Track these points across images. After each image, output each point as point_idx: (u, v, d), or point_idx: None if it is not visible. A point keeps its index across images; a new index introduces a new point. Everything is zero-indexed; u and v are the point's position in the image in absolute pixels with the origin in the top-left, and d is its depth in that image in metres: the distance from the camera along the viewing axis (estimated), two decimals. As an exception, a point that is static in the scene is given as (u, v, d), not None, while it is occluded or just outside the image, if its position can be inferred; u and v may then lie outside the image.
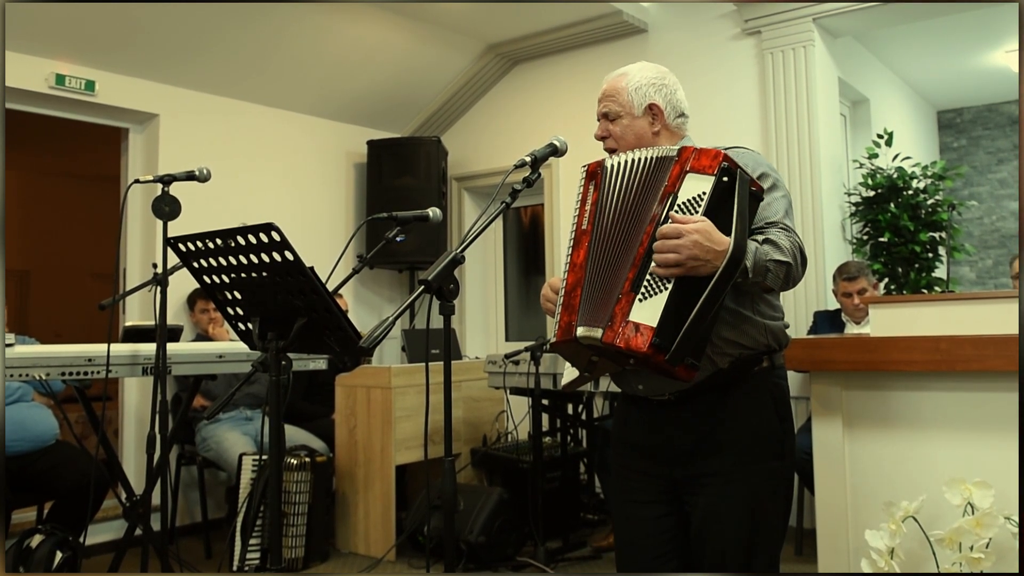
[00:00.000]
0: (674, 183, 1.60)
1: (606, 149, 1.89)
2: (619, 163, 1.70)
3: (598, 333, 1.57)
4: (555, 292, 1.73)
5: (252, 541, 3.60)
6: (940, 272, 4.44)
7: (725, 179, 1.56)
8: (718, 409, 1.74)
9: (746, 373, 1.75)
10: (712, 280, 1.52)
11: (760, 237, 1.65)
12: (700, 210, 1.56)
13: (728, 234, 1.54)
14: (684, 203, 1.58)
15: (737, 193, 1.56)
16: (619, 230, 1.64)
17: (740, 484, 1.73)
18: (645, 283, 1.55)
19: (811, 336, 3.72)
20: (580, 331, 1.59)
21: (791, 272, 1.67)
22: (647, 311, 1.53)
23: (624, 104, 1.85)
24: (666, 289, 1.53)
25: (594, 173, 1.74)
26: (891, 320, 2.23)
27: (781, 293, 1.80)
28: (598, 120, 1.91)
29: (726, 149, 1.73)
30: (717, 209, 1.56)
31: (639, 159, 1.68)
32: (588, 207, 1.70)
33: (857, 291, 3.89)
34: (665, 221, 1.56)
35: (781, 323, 1.82)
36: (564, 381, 1.85)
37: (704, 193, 1.56)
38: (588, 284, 1.63)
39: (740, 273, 1.56)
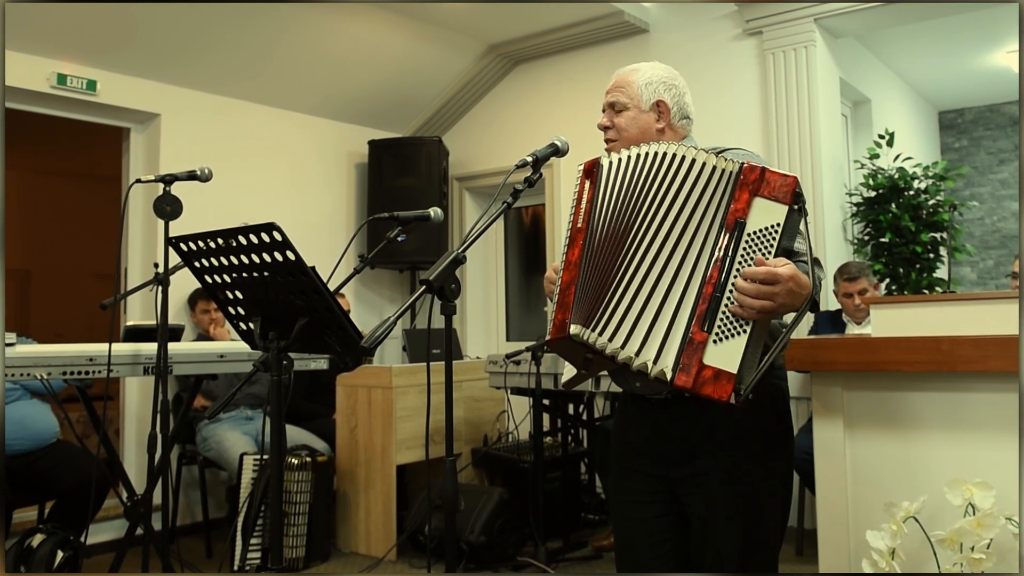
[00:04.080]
0: (744, 209, 1.52)
1: (606, 141, 1.89)
2: (617, 160, 1.68)
3: (663, 371, 1.52)
4: (557, 274, 1.73)
5: (253, 541, 3.60)
6: (941, 272, 4.44)
7: (795, 207, 1.51)
8: (715, 408, 1.72)
9: None
10: (792, 322, 1.50)
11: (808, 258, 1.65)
12: (774, 244, 1.50)
13: (801, 268, 1.52)
14: (755, 233, 1.51)
15: (803, 222, 1.52)
16: (617, 228, 1.63)
17: (738, 484, 1.72)
18: (719, 323, 1.50)
19: (812, 336, 3.71)
20: (573, 329, 1.59)
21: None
22: (725, 355, 1.48)
23: (633, 97, 1.86)
24: (745, 332, 1.48)
25: (590, 171, 1.72)
26: (892, 320, 2.23)
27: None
28: (603, 111, 1.90)
29: (724, 151, 1.72)
30: (784, 239, 1.51)
31: (640, 154, 1.65)
32: (584, 205, 1.68)
33: (858, 291, 3.89)
34: (735, 255, 1.51)
35: (779, 323, 1.82)
36: (564, 379, 1.85)
37: (778, 225, 1.50)
38: (582, 282, 1.63)
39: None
